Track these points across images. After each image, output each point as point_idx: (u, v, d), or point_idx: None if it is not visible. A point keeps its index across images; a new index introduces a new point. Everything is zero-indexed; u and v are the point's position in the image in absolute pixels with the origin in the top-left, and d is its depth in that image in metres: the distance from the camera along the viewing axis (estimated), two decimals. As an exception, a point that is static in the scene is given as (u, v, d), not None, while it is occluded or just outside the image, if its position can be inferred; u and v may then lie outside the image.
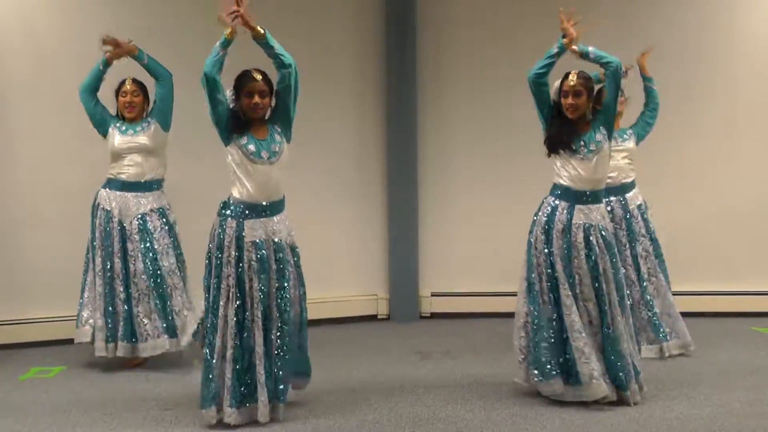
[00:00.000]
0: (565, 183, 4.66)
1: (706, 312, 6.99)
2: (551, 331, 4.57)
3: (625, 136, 5.82)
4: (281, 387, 4.33)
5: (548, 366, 4.55)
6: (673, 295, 5.85)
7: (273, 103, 4.41)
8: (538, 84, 4.65)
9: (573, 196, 4.64)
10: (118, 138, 5.53)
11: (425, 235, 7.36)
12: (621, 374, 4.52)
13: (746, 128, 7.28)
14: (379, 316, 7.38)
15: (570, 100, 4.60)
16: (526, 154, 7.10)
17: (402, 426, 4.30)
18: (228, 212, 4.34)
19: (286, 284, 4.36)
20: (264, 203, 4.34)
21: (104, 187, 5.58)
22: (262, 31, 4.27)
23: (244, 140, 4.30)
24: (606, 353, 4.55)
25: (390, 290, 7.38)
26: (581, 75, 4.62)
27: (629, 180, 5.82)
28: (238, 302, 4.27)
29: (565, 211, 4.63)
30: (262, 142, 4.33)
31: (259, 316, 4.27)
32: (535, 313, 4.62)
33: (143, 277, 5.45)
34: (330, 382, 5.04)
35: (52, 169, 6.37)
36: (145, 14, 6.59)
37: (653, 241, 5.78)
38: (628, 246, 5.71)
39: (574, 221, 4.61)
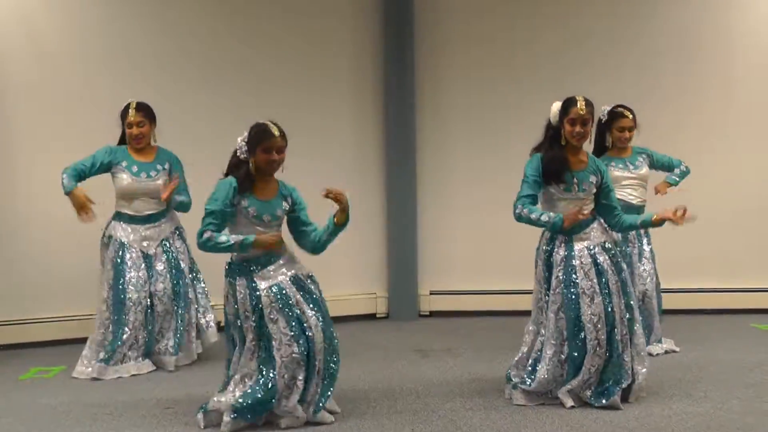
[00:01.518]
0: None
1: (707, 309, 7.00)
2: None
3: (637, 163, 5.70)
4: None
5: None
6: (674, 292, 5.84)
7: (300, 208, 4.39)
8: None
9: (567, 230, 4.53)
10: (128, 179, 5.48)
11: (424, 234, 7.37)
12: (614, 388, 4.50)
13: (744, 126, 7.29)
14: (378, 315, 7.39)
15: (578, 128, 4.48)
16: (526, 153, 7.10)
17: (401, 423, 4.30)
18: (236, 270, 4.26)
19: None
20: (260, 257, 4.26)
21: (115, 219, 5.57)
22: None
23: (245, 203, 4.18)
24: (605, 375, 4.51)
25: (389, 289, 7.39)
26: (589, 102, 4.51)
27: (640, 204, 5.66)
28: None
29: (563, 245, 4.55)
30: (266, 204, 4.23)
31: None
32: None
33: (167, 297, 5.51)
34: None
35: (52, 168, 6.35)
36: (146, 13, 6.59)
37: (653, 262, 5.70)
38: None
39: (576, 248, 4.53)
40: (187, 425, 4.34)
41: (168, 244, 5.60)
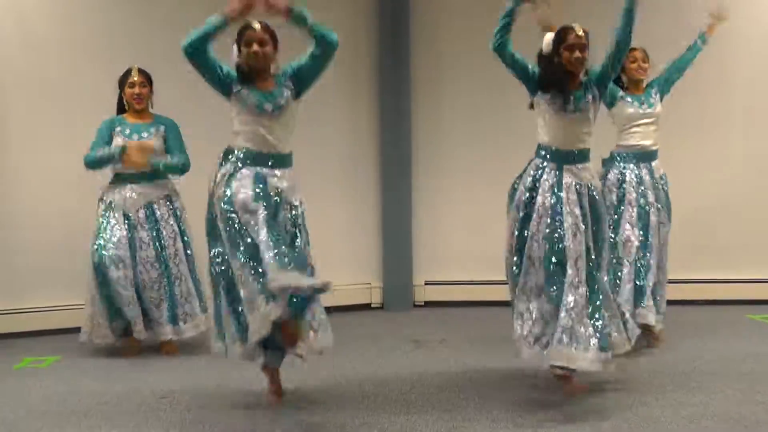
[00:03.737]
0: (551, 143, 4.46)
1: (703, 300, 7.01)
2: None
3: (651, 100, 5.64)
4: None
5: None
6: (668, 282, 5.84)
7: (299, 63, 4.27)
8: (504, 53, 4.40)
9: (561, 157, 4.44)
10: (120, 142, 5.50)
11: (419, 224, 7.36)
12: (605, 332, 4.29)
13: (741, 119, 7.29)
14: (372, 305, 7.39)
15: (577, 54, 4.33)
16: (520, 144, 6.99)
17: (396, 414, 4.30)
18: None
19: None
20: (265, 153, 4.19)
21: (110, 182, 5.63)
22: (297, 11, 4.10)
23: (244, 92, 4.15)
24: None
25: (383, 279, 7.38)
26: (584, 28, 4.39)
27: (655, 148, 5.66)
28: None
29: (553, 172, 4.43)
30: (266, 94, 4.17)
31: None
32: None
33: (155, 264, 5.53)
34: (324, 370, 5.04)
35: (45, 156, 6.34)
36: (137, 1, 6.56)
37: (669, 214, 5.67)
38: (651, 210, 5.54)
39: (564, 181, 4.41)
40: (182, 413, 4.34)
41: (153, 209, 5.60)
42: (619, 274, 5.43)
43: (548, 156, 4.48)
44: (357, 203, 7.31)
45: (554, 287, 4.32)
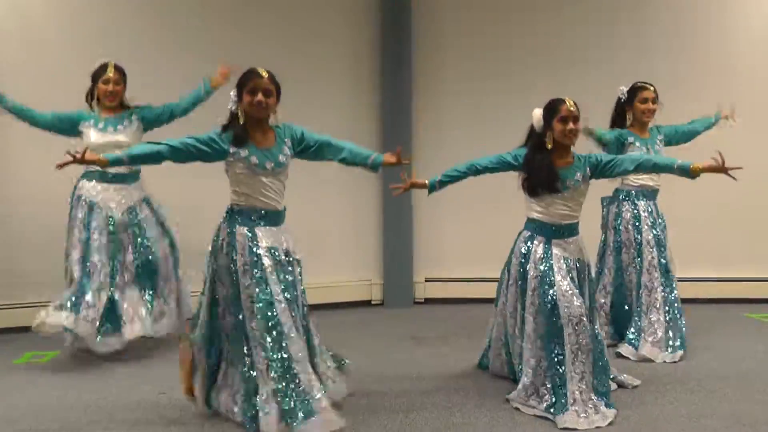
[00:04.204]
0: (539, 218, 4.46)
1: (702, 298, 7.02)
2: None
3: (656, 147, 5.57)
4: None
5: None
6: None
7: (313, 138, 4.28)
8: (481, 172, 4.69)
9: (549, 231, 4.43)
10: (94, 135, 5.38)
11: (419, 221, 7.37)
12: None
13: (743, 119, 7.27)
14: (373, 302, 7.40)
15: (570, 125, 4.31)
16: (520, 141, 7.10)
17: (395, 410, 4.32)
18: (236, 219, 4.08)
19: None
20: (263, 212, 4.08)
21: (84, 177, 5.49)
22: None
23: (244, 153, 3.99)
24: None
25: (384, 276, 7.39)
26: (573, 101, 4.38)
27: (658, 187, 5.63)
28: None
29: (541, 245, 4.42)
30: (266, 152, 4.03)
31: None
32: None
33: (135, 264, 5.46)
34: (324, 367, 5.04)
35: (43, 151, 6.30)
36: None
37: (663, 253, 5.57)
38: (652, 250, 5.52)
39: (554, 253, 4.39)
40: (182, 409, 4.35)
41: (136, 212, 5.54)
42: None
43: (536, 229, 4.48)
44: (358, 200, 7.31)
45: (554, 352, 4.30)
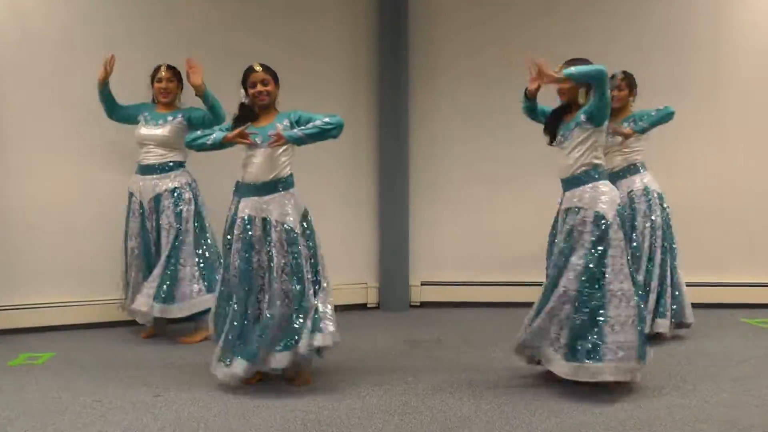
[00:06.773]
0: (558, 174, 4.77)
1: (697, 303, 6.99)
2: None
3: (621, 128, 5.78)
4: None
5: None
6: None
7: (305, 117, 4.71)
8: (533, 118, 4.94)
9: (563, 184, 4.74)
10: (142, 129, 5.84)
11: (415, 224, 7.36)
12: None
13: (735, 123, 7.29)
14: (368, 305, 7.39)
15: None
16: (516, 145, 7.13)
17: (391, 414, 4.31)
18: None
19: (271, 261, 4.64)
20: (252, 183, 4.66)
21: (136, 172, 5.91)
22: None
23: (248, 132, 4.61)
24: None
25: (380, 279, 7.38)
26: (567, 62, 4.62)
27: (627, 166, 5.88)
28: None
29: (561, 200, 4.76)
30: (260, 129, 4.62)
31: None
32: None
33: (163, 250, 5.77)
34: (319, 370, 5.04)
35: (44, 154, 6.33)
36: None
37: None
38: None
39: (563, 206, 4.73)
40: (177, 411, 4.34)
41: (159, 200, 5.79)
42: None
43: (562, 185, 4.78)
44: (354, 203, 7.31)
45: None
